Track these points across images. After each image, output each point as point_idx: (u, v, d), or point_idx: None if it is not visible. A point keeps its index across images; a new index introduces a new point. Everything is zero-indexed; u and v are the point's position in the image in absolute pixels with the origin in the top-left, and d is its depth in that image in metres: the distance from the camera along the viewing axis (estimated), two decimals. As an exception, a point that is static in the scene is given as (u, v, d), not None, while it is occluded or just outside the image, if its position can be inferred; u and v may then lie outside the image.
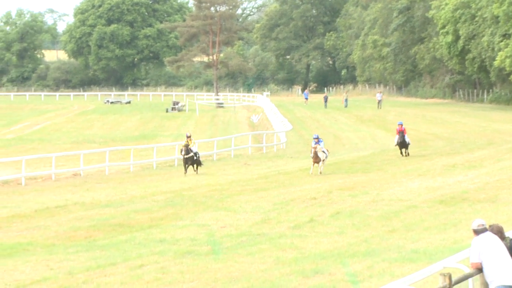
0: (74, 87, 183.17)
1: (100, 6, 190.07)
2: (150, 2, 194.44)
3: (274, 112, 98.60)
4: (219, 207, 37.01)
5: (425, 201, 37.46)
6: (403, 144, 53.86)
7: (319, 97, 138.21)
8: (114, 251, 26.62)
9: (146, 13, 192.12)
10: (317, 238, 28.64)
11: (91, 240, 28.96)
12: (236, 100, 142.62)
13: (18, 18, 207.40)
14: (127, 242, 28.59)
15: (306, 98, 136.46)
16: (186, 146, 44.11)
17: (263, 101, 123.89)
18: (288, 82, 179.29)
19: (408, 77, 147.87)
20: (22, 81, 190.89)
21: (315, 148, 43.46)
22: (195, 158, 43.76)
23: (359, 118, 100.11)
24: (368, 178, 47.28)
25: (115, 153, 58.73)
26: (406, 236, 28.55)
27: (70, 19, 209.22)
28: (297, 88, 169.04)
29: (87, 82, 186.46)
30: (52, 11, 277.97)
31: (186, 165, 44.76)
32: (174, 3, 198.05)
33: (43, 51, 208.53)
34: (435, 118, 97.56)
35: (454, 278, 14.20)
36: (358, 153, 64.32)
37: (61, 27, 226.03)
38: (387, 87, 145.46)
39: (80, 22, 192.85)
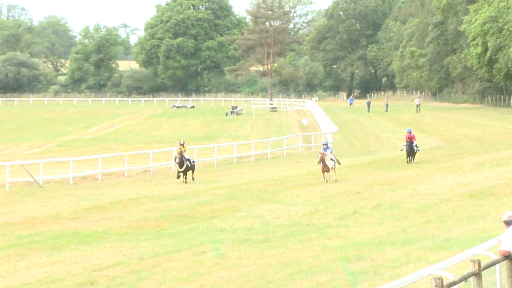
0: (144, 93, 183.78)
1: (167, 21, 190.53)
2: (212, 17, 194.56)
3: (322, 116, 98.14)
4: (273, 200, 36.98)
5: (457, 195, 37.12)
6: (410, 152, 50.93)
7: (363, 102, 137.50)
8: (180, 239, 26.76)
9: (208, 28, 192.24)
10: (360, 228, 28.58)
11: (159, 229, 29.11)
12: (288, 104, 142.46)
13: (95, 32, 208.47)
14: (191, 231, 28.70)
15: (351, 103, 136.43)
16: (181, 153, 40.13)
17: (312, 105, 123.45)
18: (334, 88, 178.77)
19: (442, 84, 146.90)
20: (98, 88, 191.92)
21: (322, 154, 38.89)
22: (189, 165, 39.87)
23: (397, 121, 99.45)
24: (406, 174, 46.93)
25: (181, 152, 58.86)
26: (440, 227, 28.35)
27: (141, 33, 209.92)
28: (343, 94, 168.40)
29: (156, 89, 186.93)
30: (125, 26, 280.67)
31: (181, 173, 40.83)
32: (233, 18, 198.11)
33: (117, 61, 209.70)
34: (466, 121, 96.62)
35: (483, 264, 14.17)
36: (396, 152, 63.56)
37: (133, 40, 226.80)
38: (423, 93, 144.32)
39: (150, 35, 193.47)
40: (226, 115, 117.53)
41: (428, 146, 68.96)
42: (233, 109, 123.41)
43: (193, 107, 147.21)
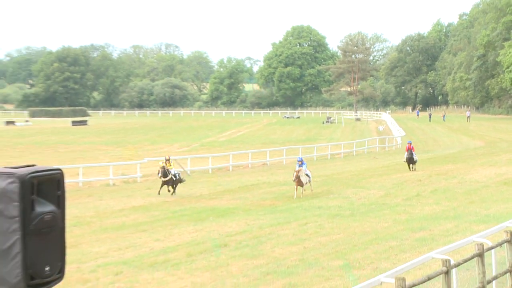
0: (263, 107, 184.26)
1: (280, 55, 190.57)
2: (313, 52, 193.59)
3: (393, 124, 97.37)
4: (357, 185, 36.83)
5: (494, 183, 36.69)
6: (411, 160, 45.03)
7: (425, 114, 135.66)
8: (289, 214, 26.92)
9: (310, 59, 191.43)
10: (421, 206, 28.49)
11: (274, 207, 29.31)
12: (368, 116, 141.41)
13: (228, 63, 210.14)
14: (297, 208, 28.83)
15: (418, 115, 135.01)
16: (163, 168, 33.13)
17: (386, 116, 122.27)
18: (403, 104, 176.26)
19: (483, 100, 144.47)
20: (230, 103, 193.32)
21: (297, 171, 31.58)
22: (174, 179, 33.20)
23: (450, 128, 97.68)
24: (456, 167, 46.21)
25: (290, 150, 58.97)
26: (481, 206, 28.07)
27: (261, 63, 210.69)
28: (409, 108, 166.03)
29: (271, 104, 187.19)
30: (249, 58, 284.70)
31: (163, 186, 33.65)
32: (328, 52, 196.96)
33: (243, 84, 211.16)
34: (501, 128, 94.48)
35: None
36: (449, 151, 62.78)
37: (255, 69, 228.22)
38: (469, 107, 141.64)
39: (268, 65, 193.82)
40: (323, 123, 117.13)
41: (472, 146, 68.31)
42: (328, 119, 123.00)
43: (298, 117, 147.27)
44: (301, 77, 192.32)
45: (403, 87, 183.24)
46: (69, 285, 15.03)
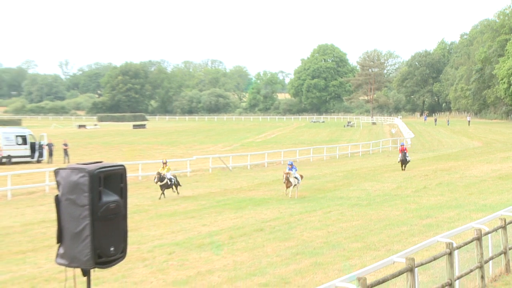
0: (293, 113, 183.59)
1: (308, 69, 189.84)
2: (335, 66, 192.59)
3: (404, 127, 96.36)
4: (373, 179, 36.49)
5: (491, 177, 36.16)
6: (404, 161, 42.20)
7: (431, 119, 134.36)
8: (315, 203, 26.82)
9: (333, 72, 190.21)
10: (428, 197, 28.17)
11: (302, 197, 29.16)
12: (383, 120, 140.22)
13: (264, 75, 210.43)
14: (322, 198, 28.69)
15: (425, 119, 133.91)
16: (159, 173, 29.37)
17: (397, 121, 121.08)
18: (412, 110, 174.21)
19: (481, 107, 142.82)
20: (265, 110, 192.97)
21: (287, 174, 29.03)
22: (169, 183, 29.41)
23: (452, 130, 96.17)
24: (457, 164, 45.55)
25: (316, 149, 58.74)
26: (479, 197, 27.74)
27: (292, 76, 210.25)
28: (417, 114, 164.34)
29: (300, 111, 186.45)
30: (282, 71, 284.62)
31: (162, 190, 29.39)
32: (348, 67, 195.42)
33: (277, 93, 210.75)
34: (496, 131, 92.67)
35: (508, 220, 14.41)
36: (452, 150, 61.85)
37: (287, 80, 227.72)
38: (469, 113, 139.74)
39: (297, 77, 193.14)
40: (344, 126, 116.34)
41: (471, 146, 67.32)
42: (348, 123, 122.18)
43: (323, 121, 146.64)
44: (325, 87, 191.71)
45: (412, 96, 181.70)
46: (130, 263, 15.19)
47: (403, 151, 42.81)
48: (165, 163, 29.99)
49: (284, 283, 13.82)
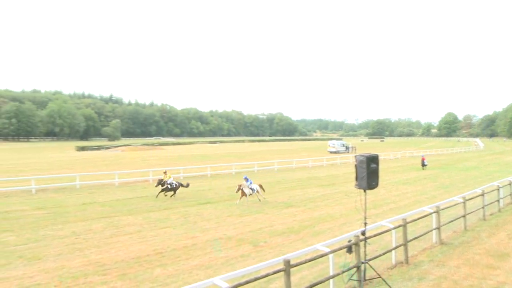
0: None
1: None
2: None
3: None
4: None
5: None
6: (424, 166, 54.89)
7: None
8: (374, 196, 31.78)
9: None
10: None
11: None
12: None
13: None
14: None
15: None
16: (160, 179, 31.61)
17: None
18: None
19: None
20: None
21: (239, 186, 29.24)
22: (169, 187, 31.01)
23: None
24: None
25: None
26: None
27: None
28: None
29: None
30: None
31: (161, 192, 31.44)
32: None
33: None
34: None
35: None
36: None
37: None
38: None
39: None
40: None
41: None
42: None
43: None
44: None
45: None
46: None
47: (423, 160, 55.84)
48: (165, 172, 32.31)
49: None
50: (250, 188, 29.45)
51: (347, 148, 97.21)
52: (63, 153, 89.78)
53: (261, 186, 30.37)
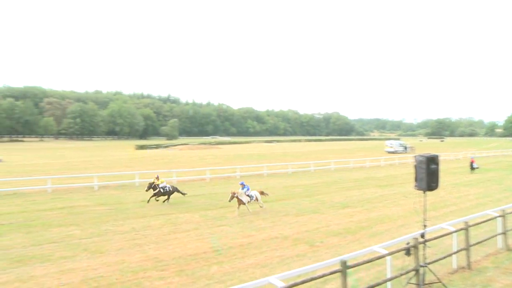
0: None
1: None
2: None
3: None
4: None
5: None
6: (472, 169, 51.52)
7: None
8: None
9: None
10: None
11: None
12: None
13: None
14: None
15: None
16: (153, 183, 29.82)
17: None
18: None
19: None
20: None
21: (232, 193, 25.77)
22: (162, 191, 29.42)
23: None
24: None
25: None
26: None
27: None
28: None
29: None
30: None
31: (152, 197, 29.58)
32: None
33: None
34: None
35: None
36: None
37: None
38: None
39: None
40: None
41: None
42: None
43: None
44: None
45: None
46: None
47: (472, 162, 51.69)
48: (157, 178, 30.52)
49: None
50: (248, 195, 26.45)
51: (405, 148, 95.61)
52: (123, 152, 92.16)
53: (262, 193, 27.75)
